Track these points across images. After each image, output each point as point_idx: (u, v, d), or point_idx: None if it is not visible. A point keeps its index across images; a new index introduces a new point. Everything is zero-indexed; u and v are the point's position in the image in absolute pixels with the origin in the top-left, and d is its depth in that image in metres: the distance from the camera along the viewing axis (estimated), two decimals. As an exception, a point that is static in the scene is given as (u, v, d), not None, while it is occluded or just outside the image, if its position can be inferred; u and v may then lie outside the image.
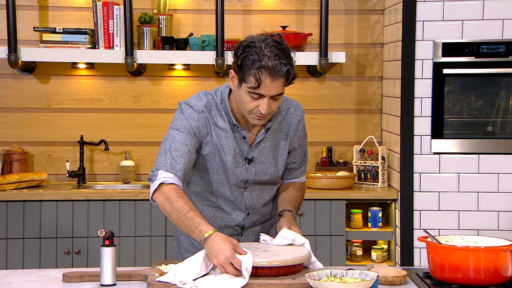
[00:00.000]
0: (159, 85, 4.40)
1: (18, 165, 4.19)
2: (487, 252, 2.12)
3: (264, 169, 2.44)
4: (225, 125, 2.37)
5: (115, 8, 4.12)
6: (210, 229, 2.18)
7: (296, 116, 2.48)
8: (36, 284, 2.21)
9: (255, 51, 2.21)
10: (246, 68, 2.23)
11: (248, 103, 2.27)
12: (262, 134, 2.41)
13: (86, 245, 3.92)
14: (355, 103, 4.46)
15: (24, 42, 4.24)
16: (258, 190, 2.47)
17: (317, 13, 4.31)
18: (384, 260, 4.10)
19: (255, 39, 2.25)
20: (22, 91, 4.35)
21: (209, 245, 2.16)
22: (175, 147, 2.31)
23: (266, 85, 2.22)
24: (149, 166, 4.40)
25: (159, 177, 2.28)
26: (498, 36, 3.77)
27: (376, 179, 4.18)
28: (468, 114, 3.87)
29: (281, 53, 2.22)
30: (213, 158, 2.38)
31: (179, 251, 2.60)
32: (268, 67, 2.19)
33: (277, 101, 2.28)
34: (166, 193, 2.26)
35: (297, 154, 2.53)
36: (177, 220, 2.24)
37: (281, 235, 2.33)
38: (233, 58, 2.30)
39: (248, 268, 2.10)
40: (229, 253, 2.12)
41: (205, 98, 2.39)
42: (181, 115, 2.37)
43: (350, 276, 2.10)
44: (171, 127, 2.37)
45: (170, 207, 2.24)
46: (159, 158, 2.33)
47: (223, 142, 2.37)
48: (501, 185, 3.80)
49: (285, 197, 2.52)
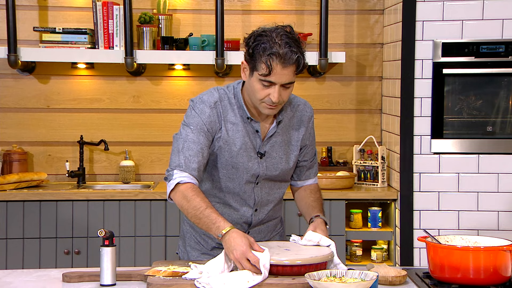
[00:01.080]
0: (159, 85, 4.40)
1: (18, 165, 4.19)
2: (486, 252, 2.12)
3: (275, 163, 2.45)
4: (236, 119, 2.39)
5: (115, 8, 4.12)
6: (228, 225, 2.21)
7: (306, 113, 2.51)
8: (36, 284, 2.21)
9: (267, 40, 2.25)
10: (257, 55, 2.26)
11: (259, 92, 2.29)
12: (274, 127, 2.42)
13: (86, 245, 3.92)
14: (355, 103, 4.46)
15: (24, 42, 4.24)
16: (268, 187, 2.48)
17: (317, 13, 4.31)
18: (384, 260, 4.10)
19: (266, 29, 2.29)
20: (22, 91, 4.35)
21: (226, 241, 2.19)
22: (188, 146, 2.33)
23: (277, 72, 2.24)
24: (148, 166, 4.41)
25: (175, 177, 2.30)
26: (497, 36, 3.77)
27: (376, 179, 4.18)
28: (468, 114, 3.87)
29: (292, 42, 2.25)
30: (223, 153, 2.39)
31: (184, 250, 2.61)
32: (279, 53, 2.22)
33: (287, 89, 2.30)
34: (183, 192, 2.28)
35: (308, 151, 2.54)
36: (194, 218, 2.26)
37: (306, 237, 2.35)
38: (245, 48, 2.33)
39: (266, 265, 2.12)
40: (244, 248, 2.15)
41: (216, 93, 2.41)
42: (193, 112, 2.39)
43: (349, 276, 2.10)
44: (183, 124, 2.39)
45: (187, 205, 2.27)
46: (173, 157, 2.35)
47: (235, 137, 2.39)
48: (500, 185, 3.80)
49: (308, 204, 2.52)
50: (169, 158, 2.26)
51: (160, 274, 2.20)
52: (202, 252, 2.55)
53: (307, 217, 2.49)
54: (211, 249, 2.53)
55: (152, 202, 3.93)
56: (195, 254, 2.56)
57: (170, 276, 2.19)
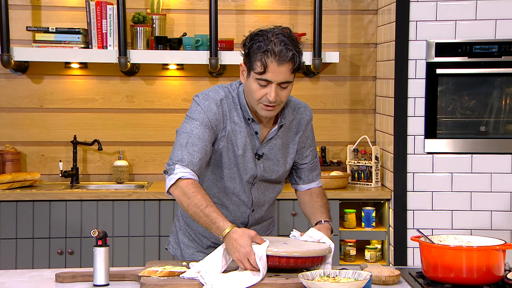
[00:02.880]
0: (153, 85, 4.40)
1: (11, 165, 4.18)
2: (479, 251, 2.12)
3: (272, 165, 2.45)
4: (239, 119, 2.38)
5: (108, 7, 4.12)
6: (227, 226, 2.21)
7: (306, 115, 2.50)
8: (29, 284, 2.21)
9: (263, 38, 2.25)
10: (253, 54, 2.25)
11: (256, 92, 2.27)
12: (275, 130, 2.42)
13: (80, 245, 3.91)
14: (349, 103, 4.47)
15: (17, 42, 4.22)
16: (263, 187, 2.48)
17: (311, 13, 4.31)
18: (377, 259, 4.10)
19: (263, 29, 2.29)
20: (15, 91, 4.34)
21: (228, 242, 2.19)
22: (192, 142, 2.30)
23: (272, 70, 2.23)
24: (142, 166, 4.40)
25: (176, 172, 2.28)
26: (491, 36, 3.78)
27: (369, 179, 4.19)
28: (461, 114, 3.88)
29: (287, 40, 2.25)
30: (226, 152, 2.38)
31: (177, 247, 2.61)
32: (273, 51, 2.22)
33: (285, 89, 2.29)
34: (184, 188, 2.27)
35: (307, 154, 2.53)
36: (194, 215, 2.26)
37: (308, 233, 2.35)
38: (242, 50, 2.32)
39: (262, 257, 2.13)
40: (246, 250, 2.15)
41: (222, 91, 2.39)
42: (198, 107, 2.35)
43: (343, 276, 2.10)
44: (188, 118, 2.35)
45: (187, 202, 2.26)
46: (175, 151, 2.32)
47: (237, 137, 2.38)
48: (494, 185, 3.81)
49: (316, 208, 2.50)
50: (163, 158, 2.27)
51: (156, 275, 2.19)
52: (197, 250, 2.55)
53: (314, 220, 2.47)
54: (207, 247, 2.53)
55: (146, 202, 3.92)
56: (190, 252, 2.55)
57: (167, 276, 2.19)
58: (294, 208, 3.98)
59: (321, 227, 2.39)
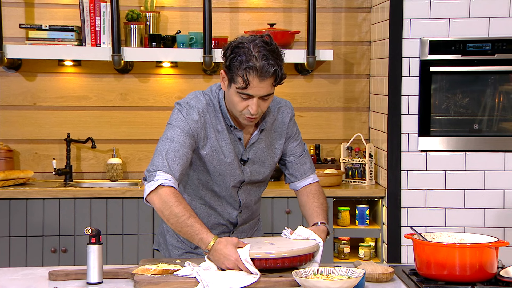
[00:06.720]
0: (147, 82, 4.39)
1: (4, 163, 4.16)
2: (472, 249, 2.13)
3: (258, 168, 2.45)
4: (221, 127, 2.37)
5: (102, 5, 4.10)
6: (211, 238, 2.20)
7: (287, 114, 2.50)
8: (22, 282, 2.20)
9: (243, 52, 2.21)
10: (234, 68, 2.23)
11: (238, 104, 2.27)
12: (256, 135, 2.41)
13: (73, 243, 3.91)
14: (343, 101, 4.47)
15: (9, 39, 4.21)
16: (249, 189, 2.48)
17: (305, 11, 4.31)
18: (371, 257, 4.11)
19: (244, 39, 2.25)
20: (8, 88, 4.32)
21: (214, 255, 2.19)
22: (173, 148, 2.29)
23: (254, 85, 2.22)
24: (136, 164, 4.39)
25: (157, 178, 2.26)
26: (484, 34, 3.78)
27: (363, 177, 4.19)
28: (455, 112, 3.89)
29: (269, 54, 2.21)
30: (210, 161, 2.38)
31: (166, 248, 2.60)
32: (255, 67, 2.20)
33: (266, 101, 2.29)
34: (164, 197, 2.24)
35: (294, 147, 2.52)
36: (175, 225, 2.24)
37: (297, 232, 2.35)
38: (222, 59, 2.30)
39: (248, 259, 2.14)
40: (234, 258, 2.15)
41: (203, 99, 2.37)
42: (180, 115, 2.34)
43: (337, 273, 2.10)
44: (169, 126, 2.34)
45: (168, 212, 2.23)
46: (156, 158, 2.30)
47: (222, 144, 2.37)
48: (487, 183, 3.82)
49: (312, 209, 2.48)
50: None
51: (150, 273, 2.19)
52: (186, 251, 2.54)
53: (310, 222, 2.46)
54: (195, 247, 2.52)
55: (140, 200, 3.92)
56: (178, 253, 2.55)
57: (161, 274, 2.19)
58: (288, 206, 3.98)
59: (315, 229, 2.38)
